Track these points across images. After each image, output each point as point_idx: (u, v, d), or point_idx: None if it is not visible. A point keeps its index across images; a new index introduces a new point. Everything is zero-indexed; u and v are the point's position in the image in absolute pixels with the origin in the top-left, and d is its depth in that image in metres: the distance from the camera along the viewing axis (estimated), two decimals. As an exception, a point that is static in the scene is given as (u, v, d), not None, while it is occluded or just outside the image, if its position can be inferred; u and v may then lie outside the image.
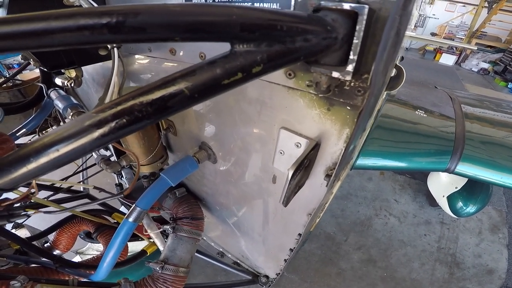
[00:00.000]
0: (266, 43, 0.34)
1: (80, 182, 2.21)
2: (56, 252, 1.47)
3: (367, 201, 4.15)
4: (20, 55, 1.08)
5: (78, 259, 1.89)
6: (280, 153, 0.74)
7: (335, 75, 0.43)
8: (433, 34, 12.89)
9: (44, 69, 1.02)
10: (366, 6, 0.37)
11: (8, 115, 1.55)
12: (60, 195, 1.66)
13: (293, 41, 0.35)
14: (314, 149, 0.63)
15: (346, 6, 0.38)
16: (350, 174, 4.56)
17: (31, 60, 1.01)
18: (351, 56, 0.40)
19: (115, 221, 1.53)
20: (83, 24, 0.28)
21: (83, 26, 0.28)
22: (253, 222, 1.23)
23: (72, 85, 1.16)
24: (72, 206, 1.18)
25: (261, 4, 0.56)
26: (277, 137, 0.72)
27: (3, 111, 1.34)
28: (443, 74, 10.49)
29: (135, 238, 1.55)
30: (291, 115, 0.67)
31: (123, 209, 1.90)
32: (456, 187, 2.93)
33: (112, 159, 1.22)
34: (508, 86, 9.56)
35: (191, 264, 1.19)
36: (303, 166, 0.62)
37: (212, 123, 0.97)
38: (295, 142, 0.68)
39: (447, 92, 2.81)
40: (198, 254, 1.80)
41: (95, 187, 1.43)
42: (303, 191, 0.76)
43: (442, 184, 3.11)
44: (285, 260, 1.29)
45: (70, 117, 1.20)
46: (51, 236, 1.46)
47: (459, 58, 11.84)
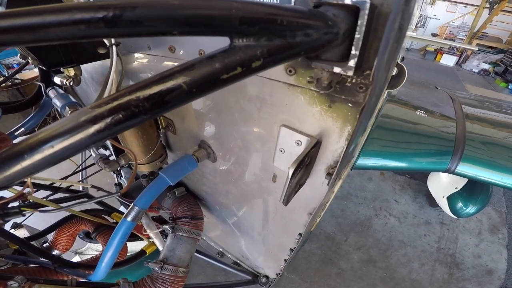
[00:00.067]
0: (266, 37, 0.33)
1: (79, 181, 2.20)
2: (55, 252, 1.47)
3: (367, 201, 4.15)
4: (19, 54, 1.08)
5: (77, 259, 1.88)
6: (281, 151, 0.73)
7: (337, 70, 0.42)
8: (434, 35, 12.88)
9: (43, 67, 1.01)
10: (368, 1, 0.37)
11: (7, 114, 1.54)
12: (59, 195, 1.65)
13: (293, 35, 0.34)
14: (315, 147, 0.62)
15: (347, 1, 0.37)
16: (350, 174, 4.55)
17: (30, 58, 1.00)
18: (353, 51, 0.39)
19: (114, 221, 1.52)
20: (79, 18, 0.27)
21: (79, 20, 0.28)
22: (253, 221, 1.23)
23: (71, 84, 1.15)
24: (69, 204, 1.17)
25: None
26: (277, 135, 0.71)
27: (1, 110, 1.34)
28: (443, 74, 10.49)
29: (134, 238, 1.54)
30: (291, 113, 0.66)
31: (122, 209, 1.89)
32: (456, 188, 2.93)
33: (111, 159, 1.22)
34: (509, 87, 9.56)
35: (190, 264, 1.19)
36: (303, 164, 0.61)
37: (212, 121, 0.96)
38: (296, 140, 0.67)
39: (448, 93, 2.80)
40: (197, 254, 1.79)
41: (93, 186, 1.42)
42: (303, 190, 0.75)
43: (442, 185, 3.12)
44: (285, 260, 1.28)
45: (67, 115, 1.20)
46: (50, 236, 1.46)
47: (459, 58, 11.82)
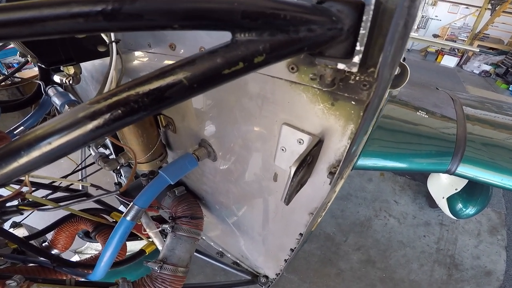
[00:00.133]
0: (269, 32, 0.32)
1: (78, 180, 2.19)
2: (54, 251, 1.46)
3: (367, 202, 4.14)
4: (18, 53, 1.06)
5: (76, 258, 1.87)
6: (282, 150, 0.72)
7: (341, 66, 0.41)
8: (435, 36, 12.85)
9: (42, 65, 1.00)
10: None
11: (6, 112, 1.54)
12: (58, 194, 1.64)
13: (296, 30, 0.33)
14: (317, 145, 0.62)
15: None
16: (350, 175, 4.54)
17: (29, 56, 0.99)
18: (358, 47, 0.39)
19: (114, 220, 1.51)
20: (77, 11, 0.27)
21: (77, 14, 0.27)
22: (253, 221, 1.22)
23: (70, 82, 1.14)
24: (67, 203, 1.17)
25: None
26: (278, 133, 0.70)
27: (0, 109, 1.33)
28: (444, 75, 10.47)
29: (134, 237, 1.53)
30: (293, 111, 0.65)
31: (122, 208, 1.88)
32: (456, 189, 2.93)
33: (111, 157, 1.21)
34: (510, 88, 9.54)
35: (190, 264, 1.18)
36: (305, 163, 0.60)
37: (212, 119, 0.95)
38: (298, 139, 0.66)
39: (449, 94, 2.80)
40: (197, 254, 1.79)
41: (92, 185, 1.41)
42: (305, 190, 0.74)
43: (442, 186, 3.11)
44: (285, 260, 1.27)
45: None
46: (50, 236, 1.45)
47: (460, 60, 11.79)
